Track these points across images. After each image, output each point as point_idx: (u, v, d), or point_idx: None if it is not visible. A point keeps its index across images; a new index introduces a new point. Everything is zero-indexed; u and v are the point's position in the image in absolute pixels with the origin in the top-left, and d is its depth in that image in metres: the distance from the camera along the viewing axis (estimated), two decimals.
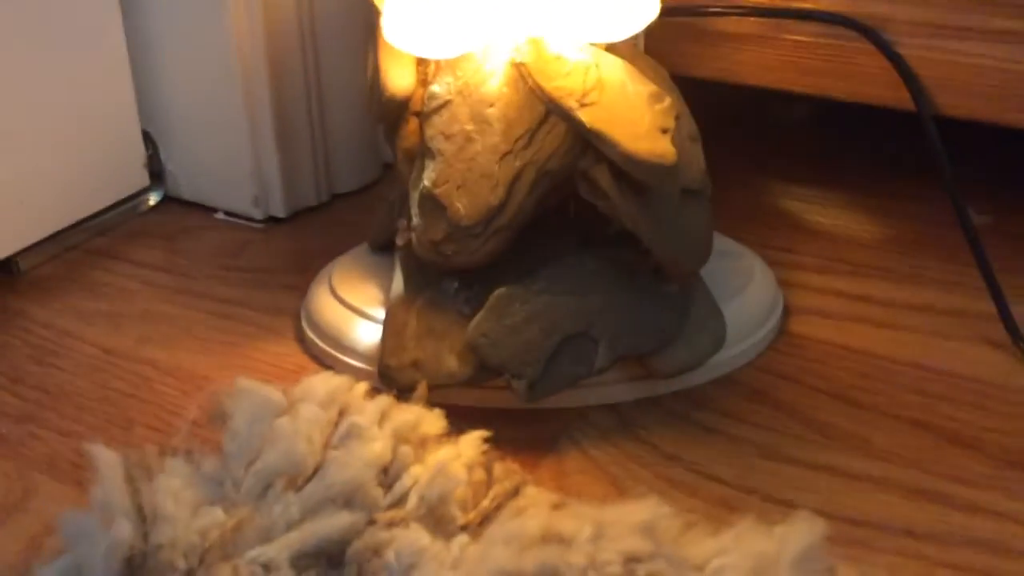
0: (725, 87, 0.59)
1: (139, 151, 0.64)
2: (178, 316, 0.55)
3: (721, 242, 0.54)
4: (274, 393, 0.39)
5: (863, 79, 0.54)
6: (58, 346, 0.52)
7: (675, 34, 0.57)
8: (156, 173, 0.65)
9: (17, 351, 0.52)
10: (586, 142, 0.42)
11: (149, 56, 0.63)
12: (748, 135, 0.72)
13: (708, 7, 0.55)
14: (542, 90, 0.41)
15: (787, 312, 0.53)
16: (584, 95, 0.41)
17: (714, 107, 0.54)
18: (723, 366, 0.48)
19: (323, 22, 0.61)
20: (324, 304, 0.52)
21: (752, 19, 0.55)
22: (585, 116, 0.41)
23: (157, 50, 0.62)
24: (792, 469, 0.43)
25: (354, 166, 0.66)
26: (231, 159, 0.62)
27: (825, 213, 0.63)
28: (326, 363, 0.50)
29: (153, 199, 0.65)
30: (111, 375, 0.50)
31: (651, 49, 0.53)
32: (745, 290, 0.51)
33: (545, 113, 0.42)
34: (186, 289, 0.57)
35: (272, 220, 0.64)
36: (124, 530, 0.33)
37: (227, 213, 0.64)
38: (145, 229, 0.63)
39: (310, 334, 0.51)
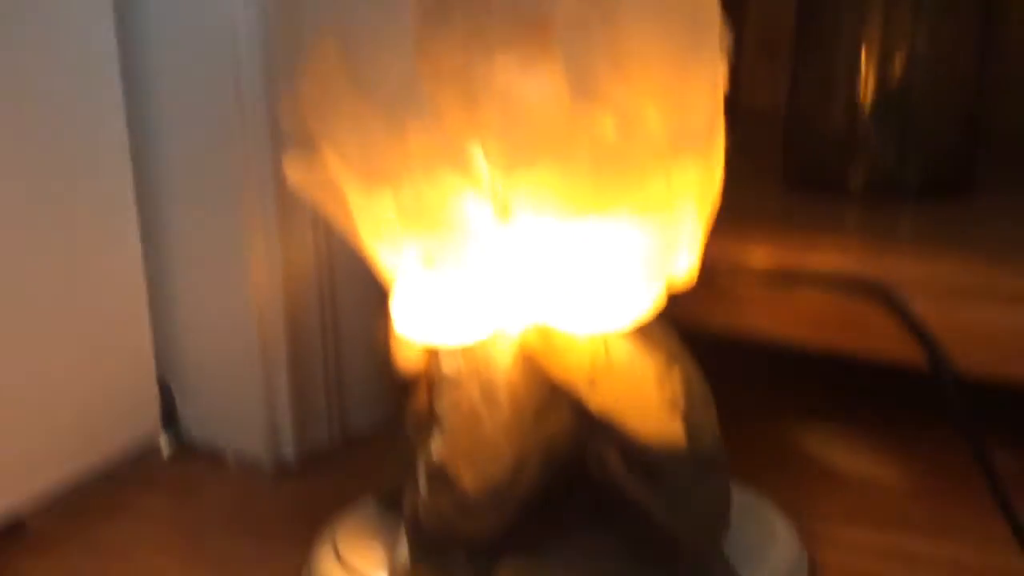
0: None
1: (153, 398, 0.64)
2: None
3: (740, 495, 0.52)
4: None
5: (880, 339, 0.54)
6: None
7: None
8: (170, 419, 0.65)
9: None
10: (595, 423, 0.41)
11: (167, 303, 0.64)
12: (761, 379, 0.72)
13: (716, 268, 0.56)
14: (549, 373, 0.41)
15: (811, 567, 0.50)
16: (592, 377, 0.41)
17: (725, 350, 0.54)
18: None
19: (342, 273, 0.63)
20: (327, 568, 0.50)
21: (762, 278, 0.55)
22: (593, 398, 0.40)
23: (175, 297, 0.64)
24: None
25: (368, 409, 0.66)
26: (244, 407, 0.62)
27: (847, 459, 0.61)
28: None
29: (165, 446, 0.65)
30: None
31: None
32: (767, 555, 0.49)
33: (554, 392, 0.42)
34: (188, 544, 0.56)
35: (283, 467, 0.63)
36: None
37: (239, 461, 0.64)
38: (154, 478, 0.63)
39: None
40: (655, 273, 0.41)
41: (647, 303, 0.41)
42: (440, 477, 0.44)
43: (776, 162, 0.72)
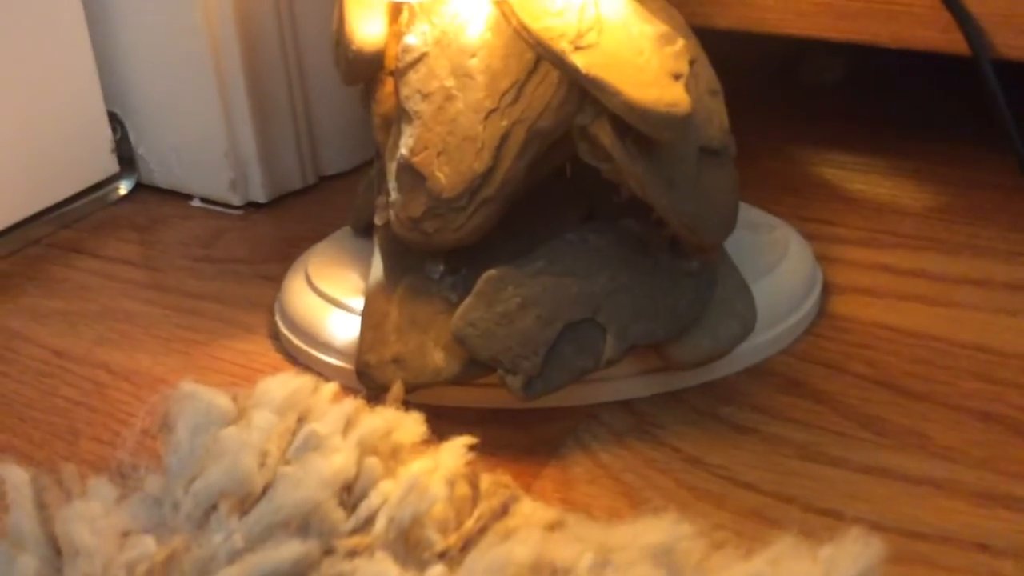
0: (751, 40, 0.53)
1: (105, 134, 0.58)
2: (141, 313, 0.49)
3: (750, 213, 0.48)
4: (221, 398, 0.33)
5: (908, 21, 0.47)
6: (6, 349, 0.47)
7: None
8: (127, 159, 0.60)
9: None
10: (583, 93, 0.35)
11: (111, 30, 0.57)
12: (778, 95, 0.66)
13: None
14: (528, 31, 0.35)
15: (827, 291, 0.46)
16: (579, 36, 0.35)
17: (740, 64, 0.48)
18: (754, 354, 0.42)
19: None
20: (299, 295, 0.46)
21: None
22: (580, 61, 0.34)
23: (119, 23, 0.57)
24: (838, 473, 0.36)
25: (344, 144, 0.61)
26: (205, 140, 0.57)
27: (867, 180, 0.56)
28: (301, 361, 0.44)
29: (124, 188, 0.60)
30: (60, 381, 0.44)
31: None
32: (778, 266, 0.45)
33: (535, 61, 0.36)
34: (153, 284, 0.52)
35: (253, 206, 0.58)
36: (28, 568, 0.27)
37: (203, 200, 0.59)
38: (114, 220, 0.58)
39: (284, 329, 0.46)
40: None
41: None
42: (411, 176, 0.39)
43: None
